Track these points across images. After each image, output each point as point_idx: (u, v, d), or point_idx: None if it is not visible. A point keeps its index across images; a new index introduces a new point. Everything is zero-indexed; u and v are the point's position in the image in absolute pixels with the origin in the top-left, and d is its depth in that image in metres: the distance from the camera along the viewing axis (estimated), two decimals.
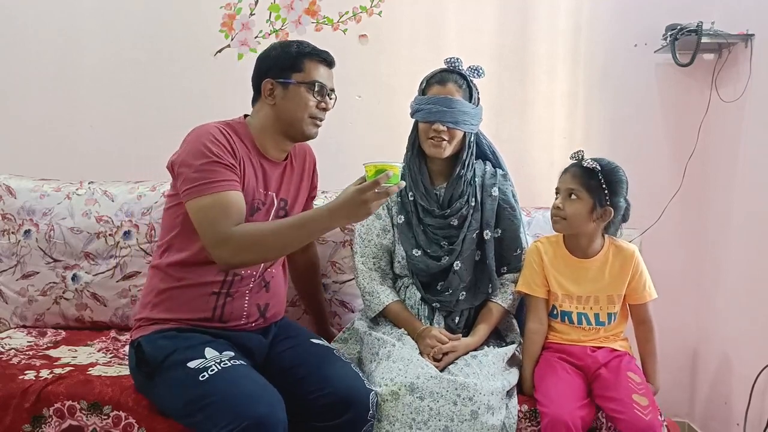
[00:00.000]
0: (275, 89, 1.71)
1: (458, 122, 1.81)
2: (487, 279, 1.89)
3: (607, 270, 1.79)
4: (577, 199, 1.75)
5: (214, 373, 1.49)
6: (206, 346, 1.58)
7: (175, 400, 1.55)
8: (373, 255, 1.92)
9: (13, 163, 2.31)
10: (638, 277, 1.79)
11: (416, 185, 1.89)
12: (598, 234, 1.80)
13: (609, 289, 1.79)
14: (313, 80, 1.70)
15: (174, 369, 1.54)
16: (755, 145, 2.16)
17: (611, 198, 1.74)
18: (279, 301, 1.82)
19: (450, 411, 1.57)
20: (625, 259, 1.79)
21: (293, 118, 1.71)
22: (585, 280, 1.80)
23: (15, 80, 2.42)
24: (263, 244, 1.57)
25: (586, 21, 2.45)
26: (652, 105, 2.45)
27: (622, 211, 1.78)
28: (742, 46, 2.22)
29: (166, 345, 1.59)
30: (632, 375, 1.69)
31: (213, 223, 1.56)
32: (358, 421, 1.55)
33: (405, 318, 1.85)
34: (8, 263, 2.15)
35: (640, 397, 1.62)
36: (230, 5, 2.41)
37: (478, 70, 1.89)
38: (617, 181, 1.75)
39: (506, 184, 1.94)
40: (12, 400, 1.62)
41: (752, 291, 2.14)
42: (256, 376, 1.54)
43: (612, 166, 1.77)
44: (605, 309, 1.79)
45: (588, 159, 1.76)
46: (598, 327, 1.79)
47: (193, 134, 1.67)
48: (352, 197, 1.47)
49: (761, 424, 2.03)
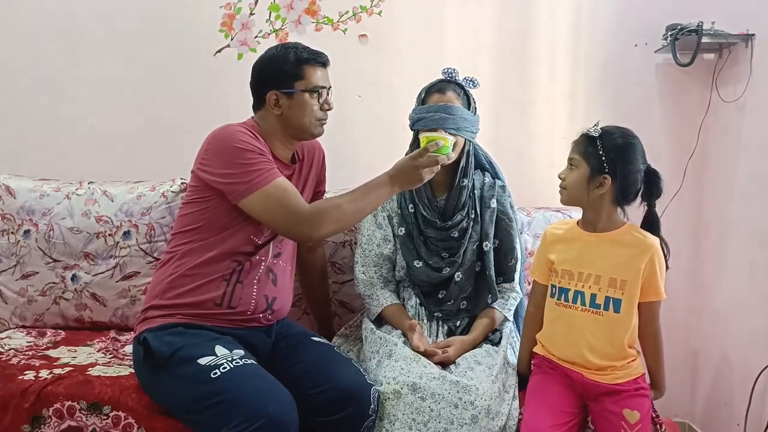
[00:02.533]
0: (280, 99, 1.75)
1: (460, 128, 1.84)
2: (487, 289, 1.91)
3: (617, 251, 1.67)
4: (575, 168, 1.68)
5: (226, 371, 1.50)
6: (216, 343, 1.59)
7: (182, 395, 1.55)
8: (374, 264, 1.94)
9: (13, 163, 2.31)
10: (656, 271, 1.66)
11: (419, 196, 1.92)
12: (603, 206, 1.67)
13: (614, 271, 1.65)
14: (315, 86, 1.75)
15: (183, 365, 1.55)
16: (755, 145, 2.16)
17: (609, 166, 1.63)
18: (285, 297, 1.83)
19: (450, 414, 1.57)
20: (643, 249, 1.65)
21: (301, 124, 1.76)
22: (590, 255, 1.69)
23: (15, 80, 2.42)
24: (342, 212, 1.66)
25: (586, 21, 2.45)
26: (652, 105, 2.45)
27: (631, 180, 1.65)
28: (743, 46, 2.22)
29: (174, 341, 1.59)
30: (628, 414, 1.60)
31: (284, 206, 1.64)
32: (359, 415, 1.56)
33: (398, 320, 1.87)
34: (8, 263, 2.15)
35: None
36: (230, 5, 2.40)
37: (473, 81, 1.92)
38: (618, 148, 1.64)
39: (504, 195, 1.97)
40: (11, 401, 1.62)
41: (752, 291, 2.14)
42: (268, 376, 1.56)
43: (615, 133, 1.66)
44: (604, 291, 1.66)
45: (597, 127, 1.66)
46: (592, 309, 1.67)
47: (218, 137, 1.70)
48: (405, 163, 1.66)
49: (761, 425, 2.03)
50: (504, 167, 2.08)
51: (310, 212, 1.64)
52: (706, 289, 2.44)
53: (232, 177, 1.65)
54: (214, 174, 1.67)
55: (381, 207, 1.96)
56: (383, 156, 2.14)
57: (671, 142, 2.45)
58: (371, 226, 1.96)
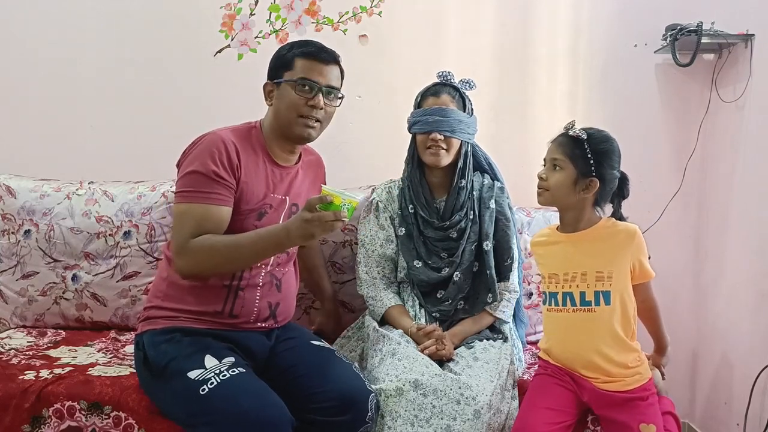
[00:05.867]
0: (273, 90, 1.72)
1: (455, 131, 1.85)
2: (485, 289, 1.91)
3: (600, 245, 1.68)
4: (560, 170, 1.67)
5: (214, 387, 1.48)
6: (206, 353, 1.56)
7: (177, 410, 1.56)
8: (376, 264, 1.96)
9: (13, 163, 2.30)
10: (642, 255, 1.68)
11: (417, 198, 1.94)
12: (586, 207, 1.69)
13: (599, 264, 1.66)
14: (301, 77, 1.67)
15: (175, 378, 1.54)
16: (755, 145, 2.16)
17: (597, 169, 1.64)
18: (289, 303, 1.82)
19: (453, 410, 1.57)
20: (626, 236, 1.67)
21: (284, 119, 1.70)
22: (573, 255, 1.70)
23: (15, 80, 2.42)
24: (216, 256, 1.60)
25: (586, 21, 2.45)
26: (652, 105, 2.45)
27: (612, 183, 1.67)
28: (742, 46, 2.22)
29: (168, 350, 1.59)
30: (645, 428, 1.57)
31: (179, 231, 1.62)
32: (356, 421, 1.55)
33: (401, 321, 1.88)
34: (8, 263, 2.15)
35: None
36: (230, 5, 2.41)
37: (469, 83, 1.93)
38: (605, 151, 1.65)
39: (503, 196, 1.98)
40: (11, 400, 1.61)
41: (752, 291, 2.14)
42: (257, 386, 1.53)
43: (600, 135, 1.67)
44: (593, 287, 1.66)
45: (577, 128, 1.66)
46: (583, 308, 1.67)
47: (201, 142, 1.67)
48: (296, 216, 1.51)
49: (761, 424, 2.03)
50: (504, 167, 2.09)
51: (192, 249, 1.58)
52: (706, 289, 2.44)
53: (178, 177, 1.67)
54: (179, 164, 1.70)
55: (383, 208, 1.97)
56: (383, 156, 2.15)
57: (671, 142, 2.46)
58: (374, 227, 1.97)
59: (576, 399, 1.68)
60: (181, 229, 1.61)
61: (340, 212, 1.46)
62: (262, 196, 1.70)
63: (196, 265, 1.61)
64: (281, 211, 1.75)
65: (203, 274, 1.65)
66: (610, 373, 1.65)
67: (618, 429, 1.61)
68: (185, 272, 1.63)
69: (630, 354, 1.67)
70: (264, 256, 1.66)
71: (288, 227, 1.52)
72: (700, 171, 2.44)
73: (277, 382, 1.60)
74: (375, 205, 1.99)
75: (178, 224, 1.63)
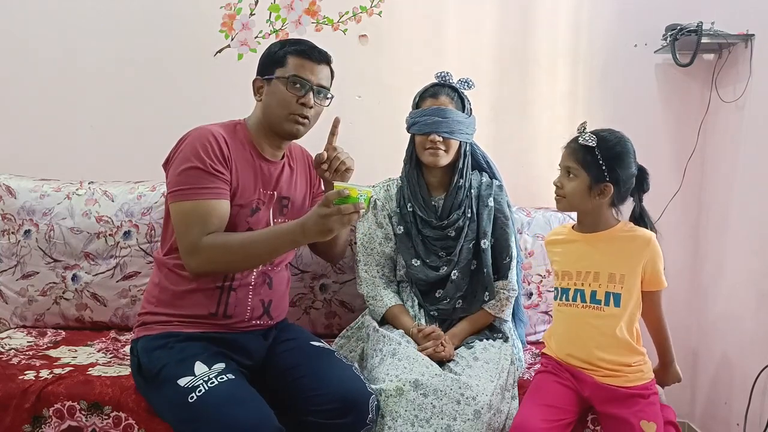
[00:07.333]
0: (263, 86, 1.71)
1: (453, 132, 1.85)
2: (482, 288, 1.92)
3: (615, 247, 1.69)
4: (574, 177, 1.68)
5: (201, 395, 1.47)
6: (196, 359, 1.55)
7: (169, 416, 1.56)
8: (376, 263, 1.96)
9: (13, 163, 2.31)
10: (656, 263, 1.69)
11: (415, 197, 1.94)
12: (603, 210, 1.71)
13: (612, 266, 1.68)
14: (293, 75, 1.66)
15: (166, 385, 1.53)
16: (755, 145, 2.16)
17: (610, 174, 1.65)
18: (282, 300, 1.82)
19: (453, 410, 1.57)
20: (641, 243, 1.68)
21: (274, 115, 1.69)
22: (589, 254, 1.72)
23: (15, 80, 2.42)
24: (230, 254, 1.59)
25: (586, 21, 2.45)
26: (652, 105, 2.45)
27: (629, 183, 1.68)
28: (742, 46, 2.22)
29: (161, 357, 1.58)
30: (645, 425, 1.57)
31: (187, 231, 1.59)
32: (357, 423, 1.55)
33: (401, 321, 1.89)
34: (8, 263, 2.15)
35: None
36: (230, 5, 2.41)
37: (468, 82, 1.93)
38: (617, 155, 1.66)
39: (501, 194, 1.98)
40: (12, 401, 1.61)
41: (752, 291, 2.14)
42: (245, 393, 1.51)
43: (612, 138, 1.67)
44: (604, 287, 1.68)
45: (587, 133, 1.67)
46: (593, 305, 1.68)
47: (189, 137, 1.66)
48: (313, 212, 1.49)
49: (761, 424, 2.03)
50: (504, 167, 2.09)
51: (205, 248, 1.57)
52: (706, 289, 2.44)
53: (170, 177, 1.64)
54: (167, 162, 1.67)
55: (381, 206, 1.97)
56: (383, 156, 2.15)
57: (671, 142, 2.46)
58: (372, 225, 1.97)
59: (576, 397, 1.68)
60: (189, 228, 1.59)
61: (358, 204, 1.46)
62: (253, 191, 1.70)
63: (209, 263, 1.60)
64: (270, 206, 1.74)
65: (216, 272, 1.65)
66: (609, 369, 1.66)
67: (618, 425, 1.61)
68: (199, 271, 1.62)
69: (633, 356, 1.68)
70: (278, 253, 1.66)
71: (303, 223, 1.51)
72: (700, 171, 2.44)
73: (277, 384, 1.60)
74: (373, 203, 1.99)
75: (183, 224, 1.60)
